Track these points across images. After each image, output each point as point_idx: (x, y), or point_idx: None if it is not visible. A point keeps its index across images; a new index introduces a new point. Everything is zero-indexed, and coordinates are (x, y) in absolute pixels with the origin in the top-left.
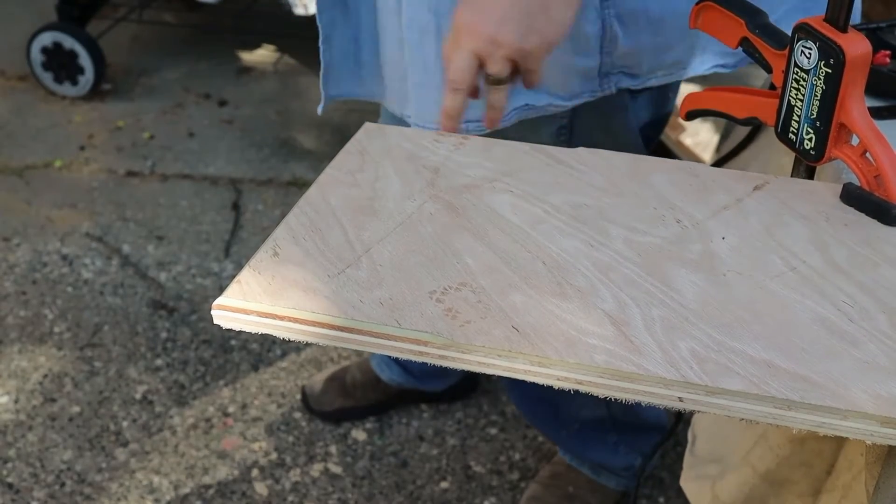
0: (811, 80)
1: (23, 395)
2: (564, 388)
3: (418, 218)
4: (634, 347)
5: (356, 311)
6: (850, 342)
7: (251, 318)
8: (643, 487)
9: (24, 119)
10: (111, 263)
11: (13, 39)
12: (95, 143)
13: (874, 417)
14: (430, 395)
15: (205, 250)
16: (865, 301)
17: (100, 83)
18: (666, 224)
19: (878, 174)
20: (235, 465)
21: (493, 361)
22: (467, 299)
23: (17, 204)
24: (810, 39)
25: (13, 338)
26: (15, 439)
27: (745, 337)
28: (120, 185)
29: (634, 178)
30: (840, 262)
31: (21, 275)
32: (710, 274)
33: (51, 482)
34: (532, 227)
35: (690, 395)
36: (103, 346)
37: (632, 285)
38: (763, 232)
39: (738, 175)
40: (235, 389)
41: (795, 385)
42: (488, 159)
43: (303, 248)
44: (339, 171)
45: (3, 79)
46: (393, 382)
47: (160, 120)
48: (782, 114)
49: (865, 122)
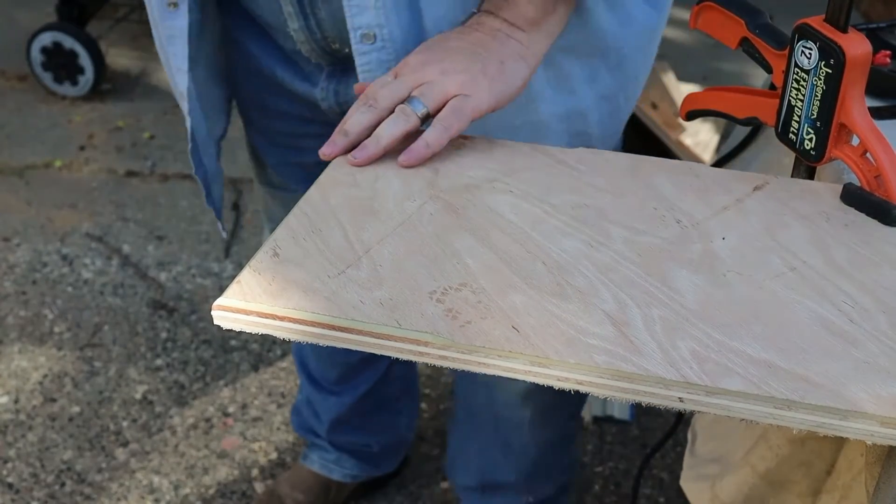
0: (811, 81)
1: (23, 395)
2: (565, 389)
3: (418, 218)
4: (634, 348)
5: (356, 312)
6: (851, 342)
7: (251, 319)
8: (643, 487)
9: (24, 119)
10: (111, 263)
11: (13, 39)
12: (95, 143)
13: (874, 417)
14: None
15: (205, 250)
16: (866, 301)
17: (100, 83)
18: (666, 224)
19: (879, 174)
20: (235, 465)
21: (493, 362)
22: (467, 300)
23: (17, 204)
24: (810, 39)
25: (13, 338)
26: (15, 439)
27: (746, 337)
28: (120, 185)
29: (635, 178)
30: (840, 262)
31: (21, 275)
32: (710, 274)
33: (51, 482)
34: (532, 228)
35: (690, 396)
36: (103, 346)
37: (632, 285)
38: (763, 232)
39: (738, 175)
40: (235, 389)
41: (795, 385)
42: (488, 159)
43: (303, 248)
44: (339, 172)
45: (3, 79)
46: (347, 478)
47: (160, 120)
48: (782, 114)
49: (866, 122)
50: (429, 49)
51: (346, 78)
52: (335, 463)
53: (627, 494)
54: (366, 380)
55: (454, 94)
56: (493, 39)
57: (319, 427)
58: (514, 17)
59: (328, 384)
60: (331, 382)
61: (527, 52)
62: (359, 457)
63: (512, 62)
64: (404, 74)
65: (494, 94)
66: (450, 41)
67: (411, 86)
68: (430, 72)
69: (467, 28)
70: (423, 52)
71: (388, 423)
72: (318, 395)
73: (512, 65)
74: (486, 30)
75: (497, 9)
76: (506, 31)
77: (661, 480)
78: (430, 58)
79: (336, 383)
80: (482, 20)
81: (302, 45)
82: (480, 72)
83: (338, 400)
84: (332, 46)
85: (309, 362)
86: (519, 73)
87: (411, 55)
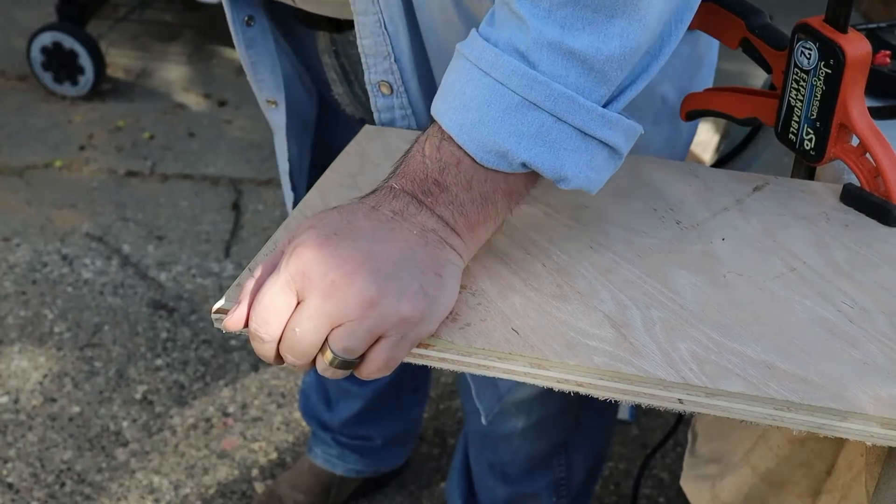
0: (811, 81)
1: (23, 395)
2: (564, 390)
3: None
4: (634, 349)
5: None
6: (850, 343)
7: None
8: (643, 487)
9: (24, 119)
10: (111, 263)
11: (13, 39)
12: (95, 143)
13: (874, 418)
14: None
15: (205, 250)
16: (865, 302)
17: (100, 83)
18: (666, 225)
19: (879, 174)
20: (235, 465)
21: (492, 364)
22: (467, 301)
23: (17, 204)
24: (810, 40)
25: (13, 338)
26: (15, 439)
27: (745, 338)
28: (120, 185)
29: (634, 178)
30: (840, 262)
31: (21, 275)
32: (709, 275)
33: (51, 482)
34: (532, 229)
35: (690, 397)
36: (103, 346)
37: (631, 287)
38: (763, 233)
39: (738, 175)
40: (235, 389)
41: (795, 386)
42: None
43: None
44: (339, 174)
45: (3, 79)
46: (350, 473)
47: (160, 120)
48: (782, 114)
49: (865, 123)
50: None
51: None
52: (338, 458)
53: (627, 494)
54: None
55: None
56: (425, 244)
57: (329, 417)
58: (452, 218)
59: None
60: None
61: (461, 263)
62: (362, 452)
63: (449, 277)
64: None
65: (437, 319)
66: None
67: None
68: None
69: (386, 217)
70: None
71: (401, 414)
72: (335, 385)
73: (449, 280)
74: (414, 227)
75: (429, 198)
76: (441, 235)
77: (661, 480)
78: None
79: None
80: (408, 210)
81: (346, 108)
82: (420, 291)
83: (359, 390)
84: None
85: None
86: (454, 290)
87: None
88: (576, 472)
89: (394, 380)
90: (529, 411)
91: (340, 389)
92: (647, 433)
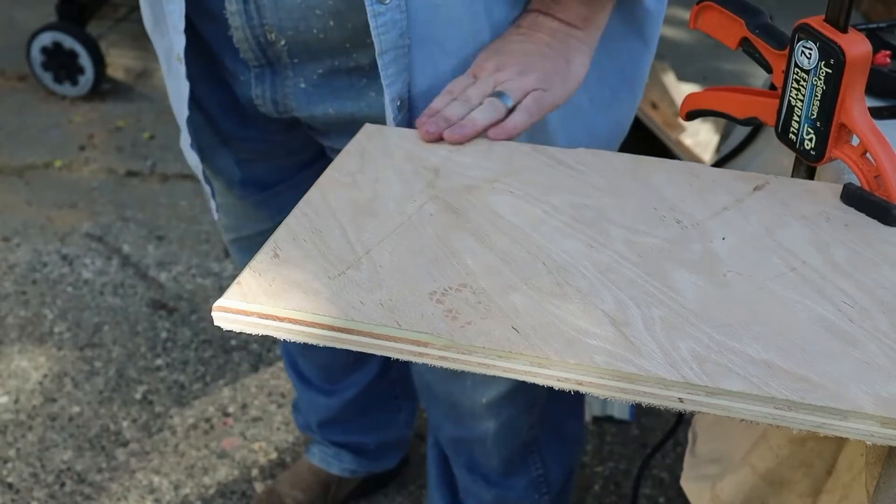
0: (811, 81)
1: (23, 395)
2: (564, 389)
3: (418, 219)
4: (634, 348)
5: (357, 313)
6: (850, 342)
7: (251, 320)
8: (643, 487)
9: (24, 119)
10: (111, 263)
11: (13, 39)
12: (95, 143)
13: (874, 418)
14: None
15: (205, 250)
16: (865, 301)
17: (100, 83)
18: (666, 224)
19: (879, 174)
20: (235, 465)
21: (493, 362)
22: (468, 300)
23: (17, 204)
24: (810, 39)
25: (13, 338)
26: (15, 439)
27: (746, 337)
28: (120, 185)
29: (635, 178)
30: (840, 262)
31: (21, 275)
32: (710, 274)
33: (51, 482)
34: (532, 228)
35: (691, 396)
36: (103, 346)
37: (632, 286)
38: (763, 232)
39: (738, 175)
40: (235, 389)
41: (796, 385)
42: (488, 160)
43: (303, 249)
44: (339, 173)
45: (3, 79)
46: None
47: (160, 120)
48: (782, 114)
49: (865, 122)
50: (499, 53)
51: (276, 81)
52: (334, 457)
53: (627, 494)
54: (354, 383)
55: (533, 89)
56: (554, 39)
57: (313, 425)
58: (568, 17)
59: (317, 382)
60: (320, 380)
61: (585, 47)
62: (356, 452)
63: (574, 59)
64: (484, 75)
65: (566, 88)
66: (516, 44)
67: (493, 84)
68: (507, 72)
69: (527, 30)
70: (494, 56)
71: (384, 422)
72: (306, 393)
73: (575, 61)
74: (545, 31)
75: (548, 8)
76: (564, 31)
77: (661, 480)
78: (505, 61)
79: (325, 381)
80: (539, 21)
81: (236, 31)
82: (552, 70)
83: (326, 401)
84: (267, 36)
85: (297, 360)
86: (581, 68)
87: (485, 60)
88: (552, 469)
89: (363, 391)
90: (499, 412)
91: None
92: (647, 433)
